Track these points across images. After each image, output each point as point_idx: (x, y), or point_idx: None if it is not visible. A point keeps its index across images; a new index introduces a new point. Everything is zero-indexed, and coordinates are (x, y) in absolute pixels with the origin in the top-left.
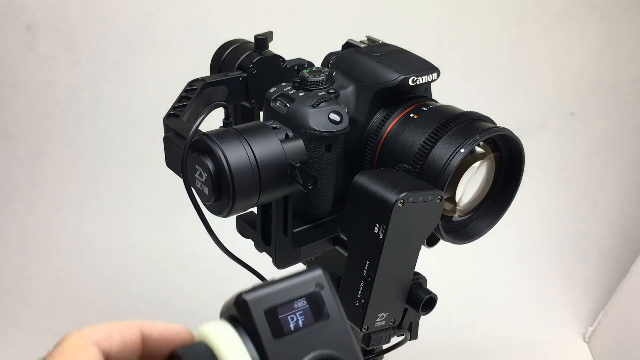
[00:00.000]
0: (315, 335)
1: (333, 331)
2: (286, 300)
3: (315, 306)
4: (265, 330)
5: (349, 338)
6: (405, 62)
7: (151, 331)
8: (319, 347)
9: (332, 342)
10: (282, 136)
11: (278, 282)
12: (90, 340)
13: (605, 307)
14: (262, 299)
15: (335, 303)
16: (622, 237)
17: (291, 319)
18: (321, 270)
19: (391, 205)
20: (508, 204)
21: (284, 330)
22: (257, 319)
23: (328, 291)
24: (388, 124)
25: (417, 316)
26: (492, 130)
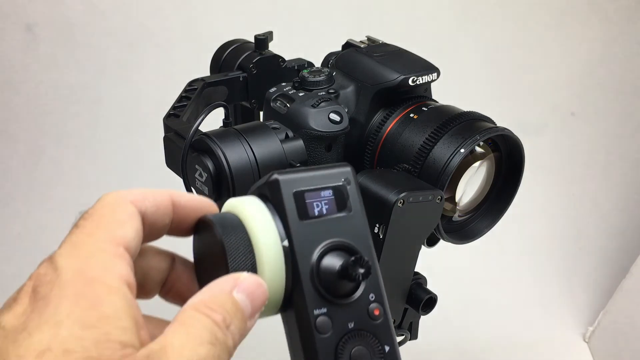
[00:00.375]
0: (336, 224)
1: (353, 224)
2: (314, 187)
3: (339, 198)
4: (292, 209)
5: (365, 232)
6: (405, 62)
7: (180, 198)
8: (338, 235)
9: (351, 233)
10: (282, 136)
11: (309, 170)
12: (127, 200)
13: (606, 307)
14: (292, 181)
15: (359, 199)
16: (622, 237)
17: (316, 205)
18: (349, 167)
19: (391, 205)
20: (508, 204)
21: (309, 214)
22: (286, 198)
23: (353, 187)
24: (388, 124)
25: (417, 316)
26: (492, 130)
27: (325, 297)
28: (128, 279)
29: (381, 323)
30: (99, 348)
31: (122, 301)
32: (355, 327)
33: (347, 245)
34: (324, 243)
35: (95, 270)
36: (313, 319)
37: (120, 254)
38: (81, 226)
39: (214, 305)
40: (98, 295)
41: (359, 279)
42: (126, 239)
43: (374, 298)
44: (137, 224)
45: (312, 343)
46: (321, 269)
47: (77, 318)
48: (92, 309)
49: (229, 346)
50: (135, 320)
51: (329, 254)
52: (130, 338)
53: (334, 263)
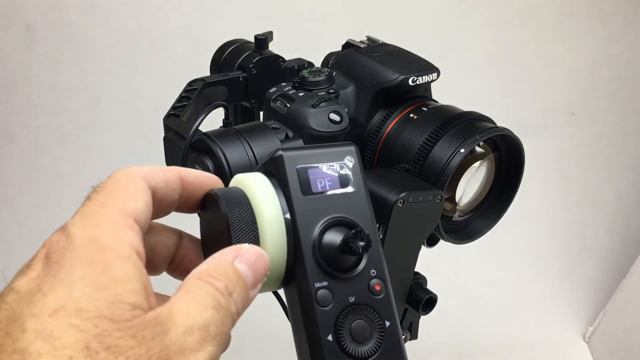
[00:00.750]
0: (338, 200)
1: (355, 201)
2: (318, 164)
3: (342, 175)
4: (295, 185)
5: (367, 208)
6: (405, 62)
7: (188, 175)
8: (340, 212)
9: (353, 210)
10: (282, 136)
11: (313, 148)
12: (138, 174)
13: (605, 307)
14: (296, 157)
15: (361, 177)
16: (622, 237)
17: (319, 181)
18: (353, 146)
19: (391, 205)
20: (508, 204)
21: (312, 190)
22: (289, 174)
23: (356, 165)
24: (388, 124)
25: (417, 316)
26: (492, 130)
27: (327, 270)
28: (138, 248)
29: (382, 298)
30: (110, 308)
31: (133, 267)
32: (356, 302)
33: (349, 221)
34: (326, 218)
35: (106, 237)
36: (314, 292)
37: (130, 225)
38: (93, 198)
39: (216, 273)
40: (110, 260)
41: (359, 252)
42: (137, 211)
43: (375, 273)
44: (147, 197)
45: (313, 315)
46: (323, 243)
47: (89, 280)
48: (104, 272)
49: (232, 312)
50: (145, 286)
51: (331, 229)
52: (139, 301)
53: (335, 238)
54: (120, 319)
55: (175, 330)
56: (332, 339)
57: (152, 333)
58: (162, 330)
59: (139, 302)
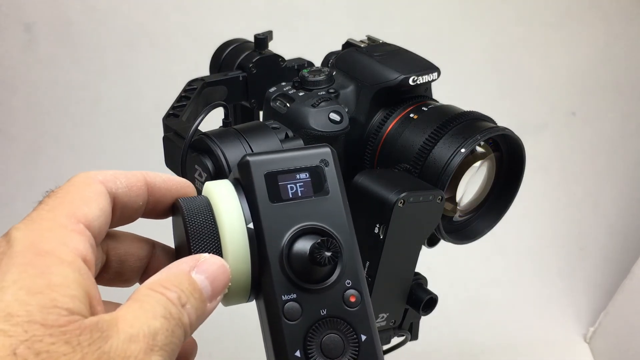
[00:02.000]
0: (311, 207)
1: (329, 207)
2: (289, 168)
3: (316, 180)
4: (262, 191)
5: (343, 215)
6: (406, 61)
7: (154, 180)
8: (313, 219)
9: (327, 216)
10: (282, 136)
11: (284, 152)
12: (96, 179)
13: (606, 308)
14: (265, 162)
15: (337, 181)
16: (623, 238)
17: (290, 187)
18: (329, 148)
19: (392, 205)
20: (509, 204)
21: (282, 196)
22: (256, 180)
23: (332, 169)
24: (388, 124)
25: (418, 317)
26: (493, 130)
27: (295, 282)
28: (85, 254)
29: (358, 310)
30: (43, 313)
31: (74, 273)
32: (328, 314)
33: (321, 229)
34: (296, 226)
35: (49, 243)
36: (281, 305)
37: (79, 230)
38: (44, 203)
39: (169, 284)
40: (47, 265)
41: (325, 263)
42: (88, 216)
43: (350, 284)
44: (103, 202)
45: (279, 330)
46: (292, 253)
47: (23, 284)
48: (40, 276)
49: (185, 323)
50: (88, 293)
51: (302, 238)
52: (78, 306)
53: (305, 247)
54: (53, 324)
55: (117, 338)
56: (300, 354)
57: (89, 339)
58: (101, 336)
59: (78, 308)
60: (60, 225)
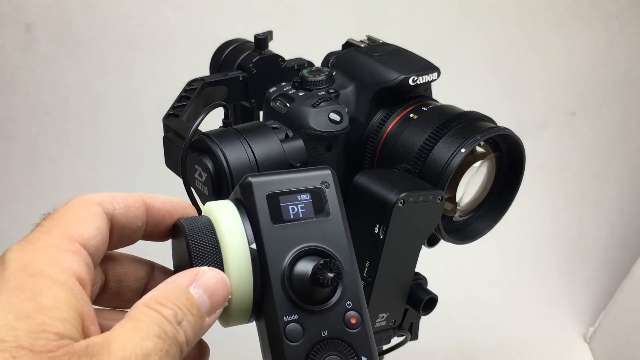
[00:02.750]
0: (312, 228)
1: (330, 228)
2: (290, 190)
3: (317, 202)
4: (264, 212)
5: (343, 237)
6: (406, 61)
7: (153, 201)
8: (313, 240)
9: (327, 238)
10: (282, 136)
11: (286, 173)
12: (93, 201)
13: (606, 308)
14: (266, 183)
15: (338, 203)
16: (622, 238)
17: (292, 209)
18: (329, 170)
19: (392, 205)
20: (509, 204)
21: (283, 217)
22: (258, 201)
23: (333, 190)
24: (388, 124)
25: (418, 317)
26: (493, 130)
27: (297, 303)
28: (79, 273)
29: (358, 332)
30: (31, 338)
31: (67, 294)
32: (329, 336)
33: (322, 250)
34: (297, 247)
35: (42, 263)
36: (282, 326)
37: (74, 250)
38: (40, 225)
39: (165, 300)
40: (39, 287)
41: (328, 284)
42: (84, 236)
43: (351, 305)
44: (99, 223)
45: (281, 351)
46: (293, 274)
47: (12, 308)
48: (30, 300)
49: (180, 341)
50: (81, 313)
51: (303, 259)
52: (68, 330)
53: (307, 268)
54: (41, 349)
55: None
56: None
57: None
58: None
59: (68, 331)
60: (54, 245)
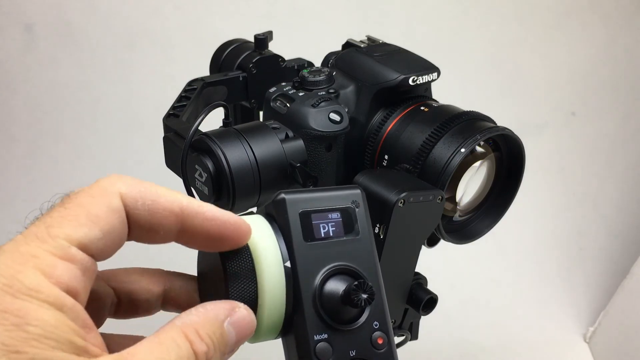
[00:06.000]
0: (342, 247)
1: (359, 248)
2: (321, 208)
3: (347, 221)
4: (297, 230)
5: (372, 257)
6: (406, 61)
7: (194, 215)
8: (344, 259)
9: (357, 257)
10: (282, 136)
11: (317, 191)
12: (117, 192)
13: (606, 308)
14: (299, 201)
15: (367, 223)
16: (622, 238)
17: (323, 227)
18: (359, 190)
19: (392, 205)
20: (508, 204)
21: (315, 235)
22: (291, 218)
23: (362, 210)
24: (388, 124)
25: (418, 316)
26: (493, 129)
27: (327, 322)
28: (68, 284)
29: (384, 353)
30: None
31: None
32: (357, 356)
33: (352, 270)
34: (328, 266)
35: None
36: (313, 345)
37: (68, 257)
38: (48, 214)
39: (203, 333)
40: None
41: (362, 305)
42: (88, 237)
43: (378, 326)
44: (112, 221)
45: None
46: (324, 292)
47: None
48: (16, 328)
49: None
50: (73, 330)
51: (333, 278)
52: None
53: (337, 287)
54: None
55: None
56: None
57: None
58: None
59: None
60: (48, 250)
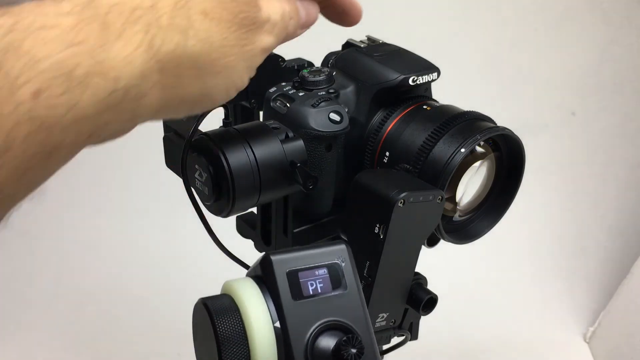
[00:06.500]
0: (331, 303)
1: (348, 302)
2: (308, 266)
3: (334, 276)
4: (285, 290)
5: (362, 311)
6: (406, 61)
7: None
8: (333, 315)
9: (346, 311)
10: (282, 136)
11: (303, 249)
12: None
13: (606, 307)
14: (286, 261)
15: (354, 277)
16: (622, 237)
17: (310, 284)
18: (344, 245)
19: (392, 205)
20: (508, 204)
21: (303, 294)
22: (279, 279)
23: (349, 265)
24: (388, 124)
25: (418, 316)
26: (493, 129)
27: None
28: None
29: None
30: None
31: None
32: None
33: (341, 325)
34: (318, 323)
35: None
36: None
37: None
38: None
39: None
40: None
41: (351, 359)
42: None
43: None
44: None
45: None
46: (315, 350)
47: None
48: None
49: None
50: None
51: (324, 334)
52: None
53: (328, 344)
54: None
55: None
56: None
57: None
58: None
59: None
60: None
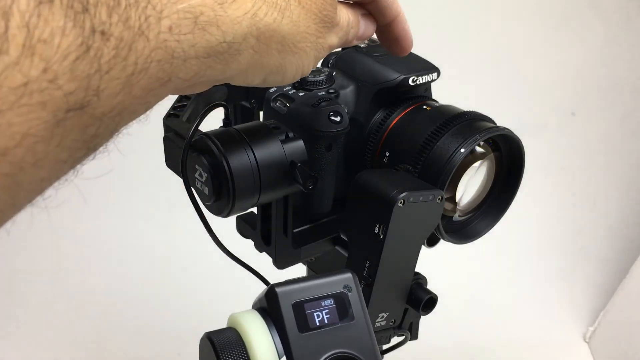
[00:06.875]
0: (338, 334)
1: (356, 332)
2: (314, 297)
3: (341, 306)
4: (291, 322)
5: (370, 341)
6: (405, 61)
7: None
8: (341, 346)
9: (354, 342)
10: (282, 136)
11: (309, 279)
12: None
13: (606, 307)
14: (291, 292)
15: (361, 306)
16: (622, 237)
17: (317, 315)
18: (350, 274)
19: (392, 205)
20: (508, 204)
21: (309, 326)
22: (284, 311)
23: (355, 294)
24: (388, 124)
25: (418, 316)
26: (493, 129)
27: None
28: None
29: None
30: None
31: None
32: None
33: (349, 356)
34: (325, 355)
35: None
36: None
37: None
38: None
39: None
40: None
41: None
42: None
43: None
44: None
45: None
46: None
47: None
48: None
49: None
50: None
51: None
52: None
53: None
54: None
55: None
56: None
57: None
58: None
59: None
60: None
